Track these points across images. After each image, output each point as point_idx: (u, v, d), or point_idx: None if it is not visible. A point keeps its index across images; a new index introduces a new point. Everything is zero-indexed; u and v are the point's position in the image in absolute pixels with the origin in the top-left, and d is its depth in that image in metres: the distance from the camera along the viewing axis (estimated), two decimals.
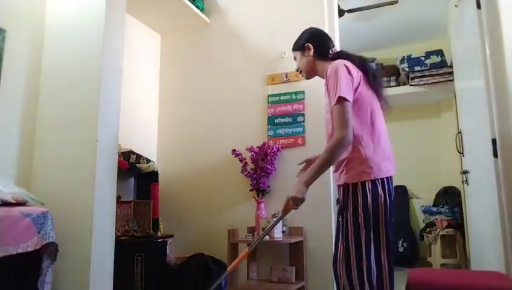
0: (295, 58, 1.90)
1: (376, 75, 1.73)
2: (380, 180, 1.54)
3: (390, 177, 1.60)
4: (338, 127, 1.52)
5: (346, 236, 1.55)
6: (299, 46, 1.85)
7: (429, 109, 4.83)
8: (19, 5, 2.09)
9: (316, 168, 1.54)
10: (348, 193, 1.58)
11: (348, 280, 1.51)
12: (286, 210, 1.64)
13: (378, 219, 1.52)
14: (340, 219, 1.63)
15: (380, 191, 1.53)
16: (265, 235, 1.75)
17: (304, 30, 1.90)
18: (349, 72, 1.59)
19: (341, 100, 1.52)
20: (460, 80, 3.17)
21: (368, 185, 1.53)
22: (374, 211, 1.52)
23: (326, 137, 1.72)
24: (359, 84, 1.61)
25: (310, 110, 2.60)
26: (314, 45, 1.81)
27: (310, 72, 1.86)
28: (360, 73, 1.64)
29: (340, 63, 1.62)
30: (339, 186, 1.67)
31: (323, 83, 1.70)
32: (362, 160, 1.56)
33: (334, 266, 1.61)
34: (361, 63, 1.70)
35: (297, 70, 1.92)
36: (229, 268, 1.68)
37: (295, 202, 1.56)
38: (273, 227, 1.80)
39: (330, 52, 1.80)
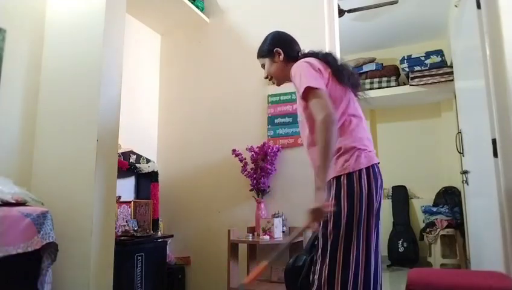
0: (263, 66, 1.79)
1: (350, 72, 1.62)
2: (357, 173, 1.43)
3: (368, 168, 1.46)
4: (317, 112, 1.40)
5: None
6: (267, 52, 1.74)
7: (429, 109, 4.84)
8: (19, 4, 2.09)
9: (320, 165, 1.37)
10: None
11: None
12: (310, 224, 1.42)
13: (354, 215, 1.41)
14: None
15: (355, 184, 1.42)
16: (285, 248, 1.55)
17: (267, 35, 1.80)
18: (313, 67, 1.53)
19: (311, 90, 1.44)
20: (460, 80, 3.17)
21: (343, 180, 1.44)
22: (349, 205, 1.41)
23: (305, 142, 1.62)
24: (328, 79, 1.54)
25: None
26: (283, 49, 1.72)
27: (281, 78, 1.76)
28: (329, 70, 1.57)
29: (301, 61, 1.58)
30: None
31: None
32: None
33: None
34: (331, 61, 1.61)
35: (267, 78, 1.80)
36: (245, 281, 1.50)
37: (318, 213, 1.37)
38: (292, 241, 1.59)
39: (299, 54, 1.73)
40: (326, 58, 1.62)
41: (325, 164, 1.37)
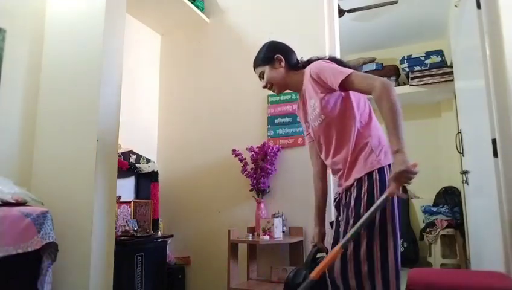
0: (261, 75, 1.76)
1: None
2: (387, 167, 1.46)
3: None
4: (371, 82, 1.42)
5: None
6: (267, 59, 1.72)
7: (429, 109, 4.83)
8: (19, 4, 2.09)
9: (396, 129, 1.35)
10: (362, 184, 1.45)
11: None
12: (394, 190, 1.36)
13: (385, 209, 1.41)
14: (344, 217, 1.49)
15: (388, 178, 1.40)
16: (365, 221, 1.36)
17: (263, 44, 1.79)
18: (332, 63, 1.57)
19: (350, 76, 1.44)
20: (460, 80, 3.17)
21: (375, 175, 1.45)
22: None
23: (324, 149, 1.61)
24: None
25: None
26: (284, 56, 1.71)
27: (282, 85, 1.73)
28: None
29: (319, 62, 1.59)
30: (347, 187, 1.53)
31: (303, 92, 1.66)
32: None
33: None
34: (338, 62, 1.63)
35: (266, 87, 1.75)
36: (313, 275, 1.32)
37: (405, 176, 1.33)
38: (373, 212, 1.37)
39: (299, 62, 1.74)
40: (340, 61, 1.62)
41: (400, 123, 1.36)
